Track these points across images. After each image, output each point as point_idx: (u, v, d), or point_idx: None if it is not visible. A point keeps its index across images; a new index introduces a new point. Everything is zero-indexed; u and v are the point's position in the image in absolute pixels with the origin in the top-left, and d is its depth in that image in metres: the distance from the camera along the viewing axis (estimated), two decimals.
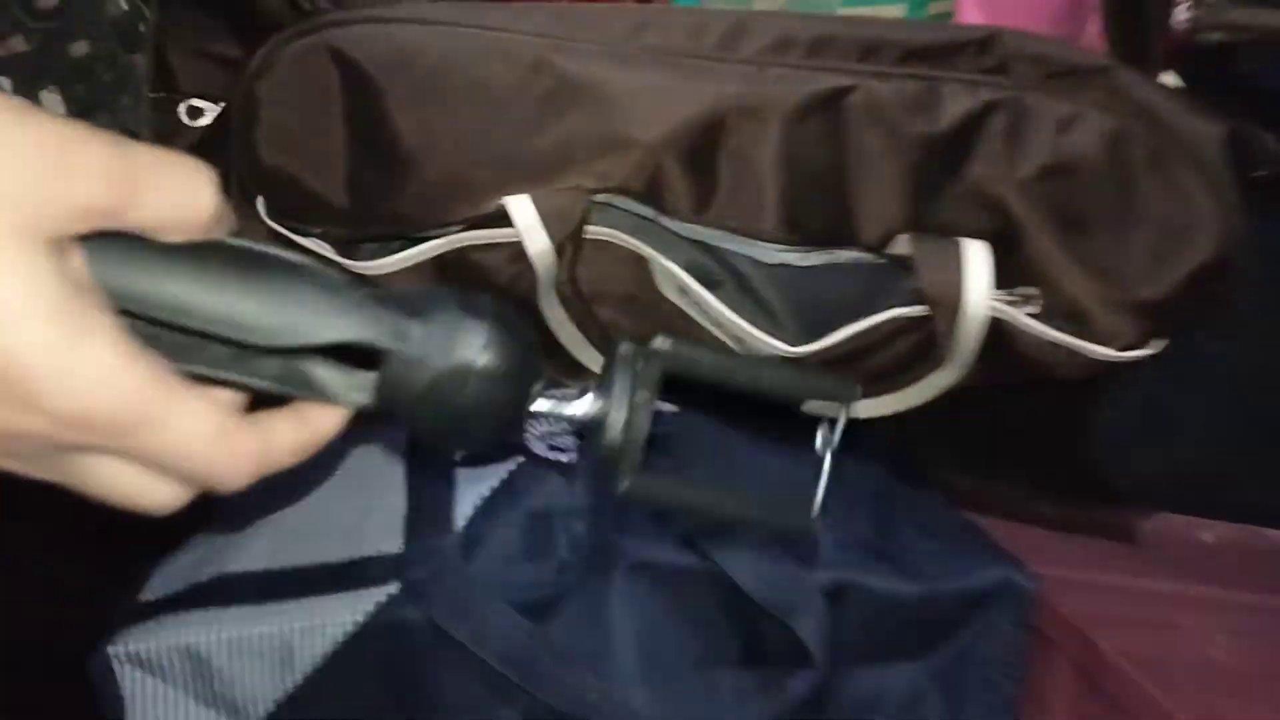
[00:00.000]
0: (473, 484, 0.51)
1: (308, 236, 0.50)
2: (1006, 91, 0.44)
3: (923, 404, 0.57)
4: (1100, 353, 0.51)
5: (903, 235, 0.50)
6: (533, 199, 0.47)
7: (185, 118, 0.50)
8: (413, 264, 0.49)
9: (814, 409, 0.37)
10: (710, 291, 0.51)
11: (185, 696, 0.47)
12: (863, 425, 0.60)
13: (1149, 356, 0.52)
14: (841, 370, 0.56)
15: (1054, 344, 0.52)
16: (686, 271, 0.49)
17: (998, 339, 0.52)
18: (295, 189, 0.48)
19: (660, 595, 0.45)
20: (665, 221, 0.49)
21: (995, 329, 0.52)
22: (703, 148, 0.46)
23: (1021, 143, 0.45)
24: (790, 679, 0.45)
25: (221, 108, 0.50)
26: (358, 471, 0.53)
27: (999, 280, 0.50)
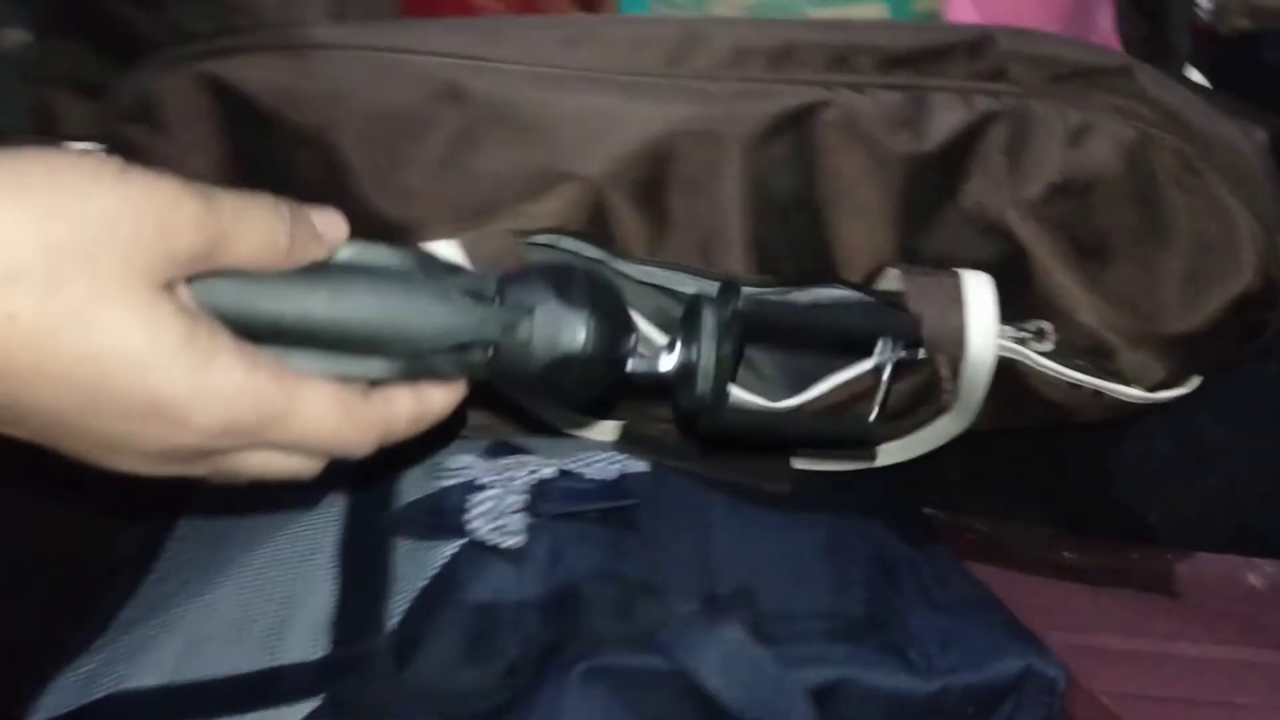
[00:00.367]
0: (409, 573, 0.45)
1: None
2: (1005, 100, 0.40)
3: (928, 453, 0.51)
4: (1127, 394, 0.45)
5: (893, 269, 0.44)
6: (461, 243, 0.40)
7: None
8: None
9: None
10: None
11: None
12: (857, 477, 0.54)
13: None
14: (835, 417, 0.49)
15: (1074, 385, 0.45)
16: (649, 320, 0.43)
17: (1009, 380, 0.46)
18: None
19: (622, 703, 0.38)
20: (618, 264, 0.43)
21: (1006, 369, 0.46)
22: (652, 180, 0.40)
23: (1026, 159, 0.40)
24: None
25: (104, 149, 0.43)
26: (281, 563, 0.47)
27: (1006, 315, 0.45)
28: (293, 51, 0.40)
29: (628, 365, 0.32)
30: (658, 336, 0.43)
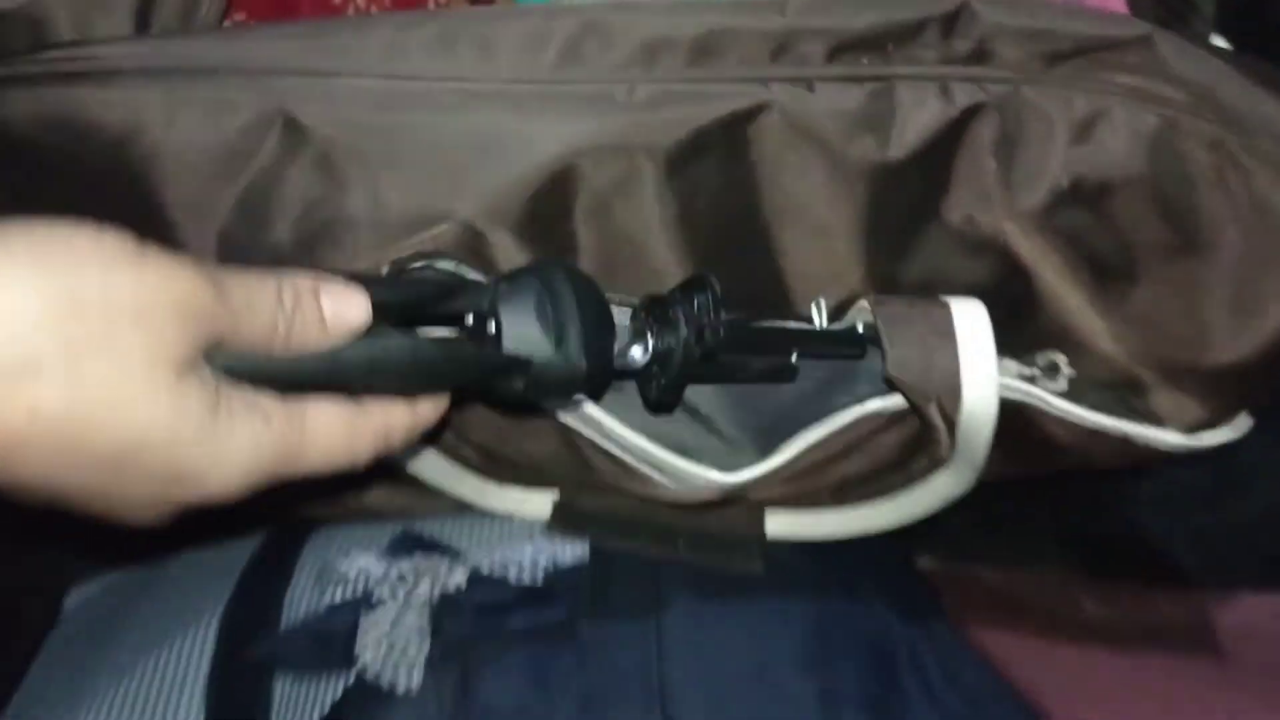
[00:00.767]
0: (292, 710, 0.37)
1: None
2: (992, 88, 0.34)
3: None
4: (1162, 440, 0.39)
5: (862, 301, 0.37)
6: None
7: None
8: None
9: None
10: (604, 407, 0.37)
11: None
12: (846, 550, 0.46)
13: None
14: (812, 479, 0.43)
15: (1097, 430, 0.37)
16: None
17: (1018, 426, 0.39)
18: None
19: None
20: None
21: (1013, 414, 0.39)
22: (549, 213, 0.32)
23: (1022, 160, 0.34)
24: None
25: None
26: (145, 702, 0.38)
27: (1010, 349, 0.38)
28: (76, 79, 0.31)
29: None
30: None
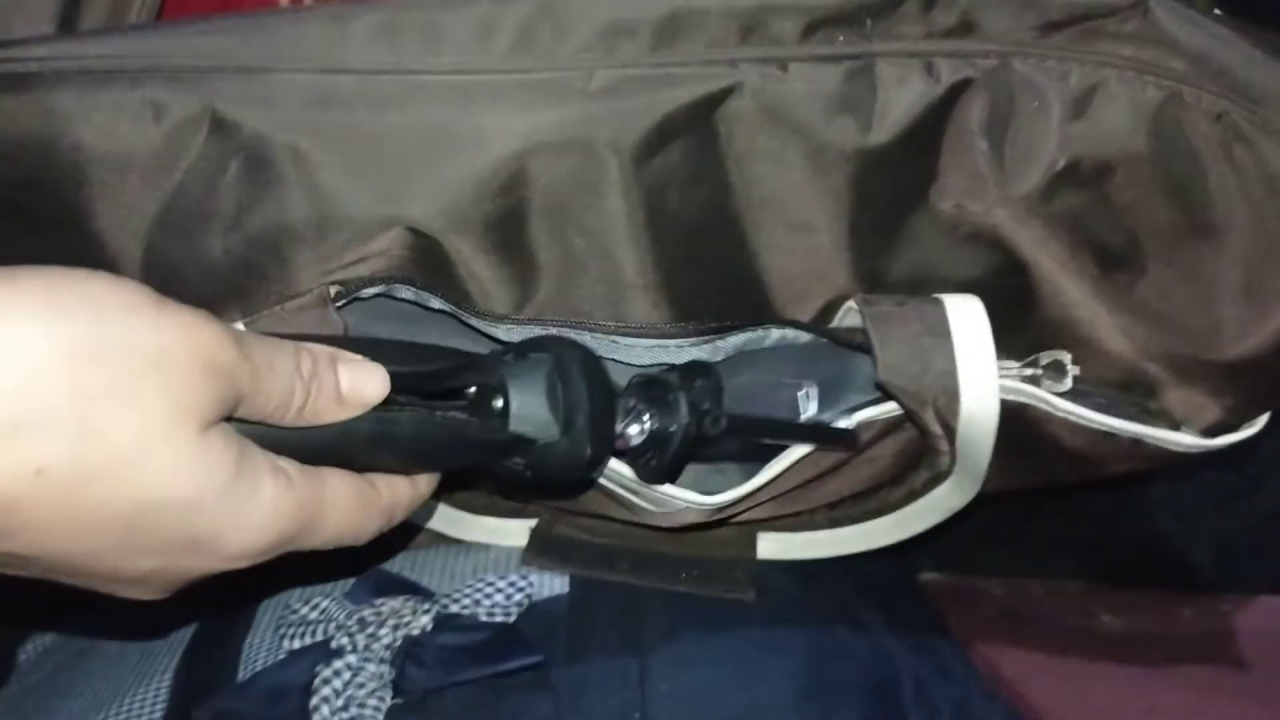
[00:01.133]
0: None
1: None
2: (979, 62, 0.32)
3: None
4: (1176, 441, 0.37)
5: (850, 302, 0.35)
6: (248, 327, 0.30)
7: None
8: None
9: None
10: None
11: None
12: (842, 571, 0.43)
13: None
14: (804, 498, 0.41)
15: (1106, 433, 0.35)
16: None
17: (1021, 431, 0.37)
18: None
19: None
20: (474, 322, 0.33)
21: (1016, 418, 0.36)
22: (506, 214, 0.30)
23: (1014, 139, 0.32)
24: None
25: None
26: None
27: (1009, 348, 0.36)
28: None
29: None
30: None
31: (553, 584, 0.40)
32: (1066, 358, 0.35)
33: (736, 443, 0.36)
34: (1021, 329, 0.35)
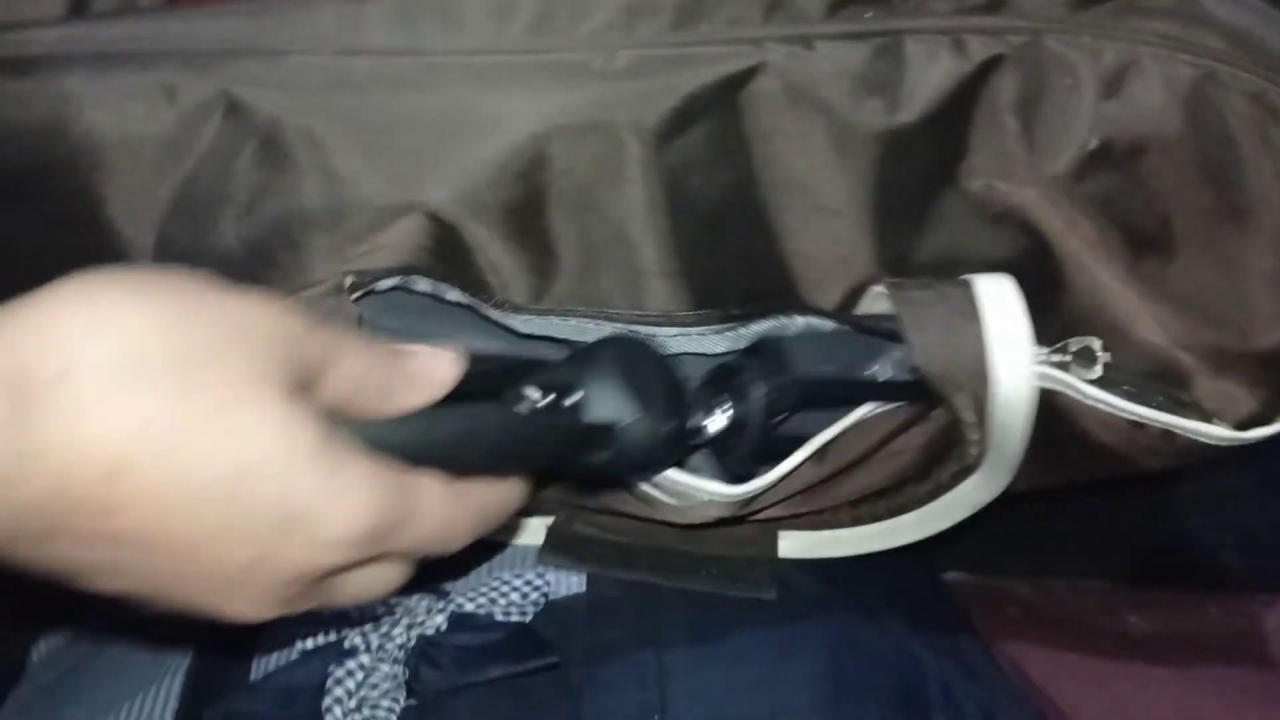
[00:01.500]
0: None
1: None
2: (1011, 39, 0.31)
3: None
4: (1208, 433, 0.36)
5: (877, 286, 0.34)
6: None
7: None
8: None
9: None
10: None
11: None
12: (865, 570, 0.42)
13: None
14: (828, 493, 0.40)
15: (1136, 424, 0.35)
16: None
17: (1049, 423, 0.36)
18: None
19: None
20: (492, 314, 0.32)
21: (1044, 408, 0.35)
22: (525, 200, 0.30)
23: (1046, 119, 0.32)
24: None
25: None
26: None
27: (1036, 334, 0.35)
28: None
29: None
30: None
31: (570, 582, 0.39)
32: (1097, 344, 0.34)
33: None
34: (1050, 314, 0.34)
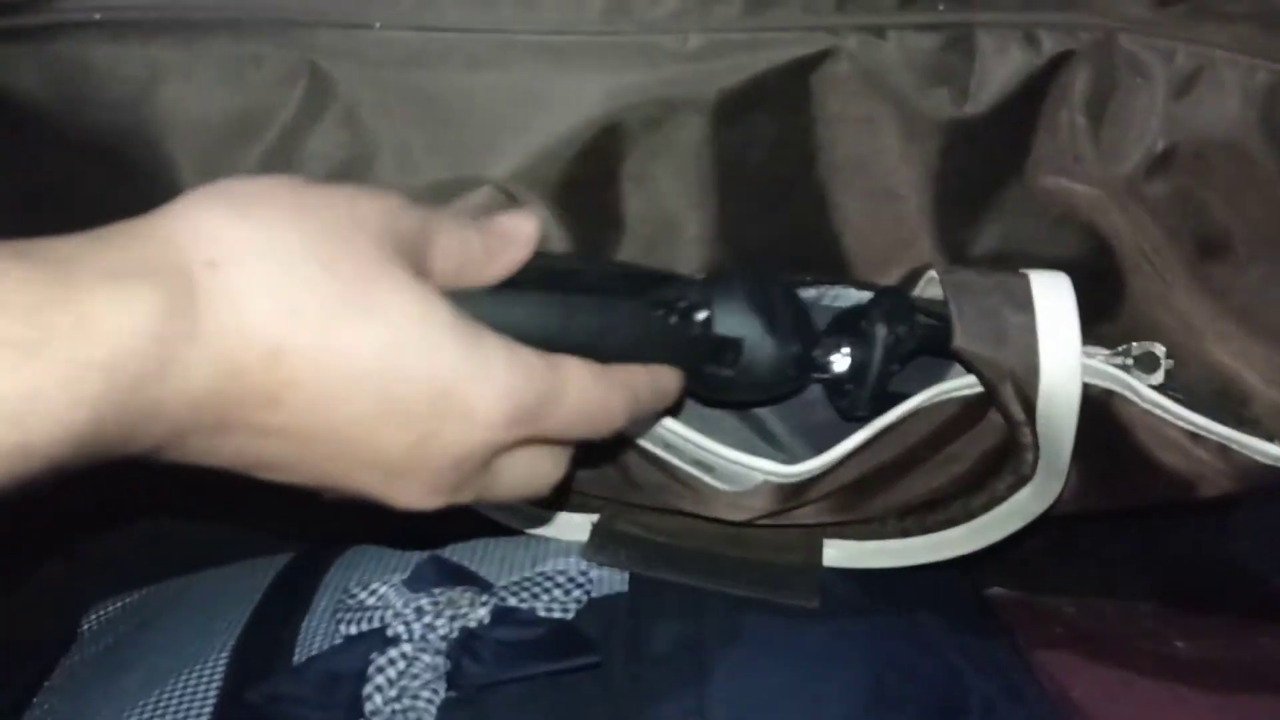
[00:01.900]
0: None
1: None
2: (1084, 35, 0.31)
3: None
4: (1265, 452, 0.35)
5: (930, 272, 0.35)
6: None
7: None
8: None
9: None
10: None
11: None
12: (908, 581, 0.42)
13: None
14: (877, 495, 0.40)
15: (1194, 436, 0.35)
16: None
17: (1104, 432, 0.36)
18: None
19: None
20: None
21: (1099, 413, 0.35)
22: (586, 176, 0.32)
23: (1115, 116, 0.32)
24: None
25: None
26: None
27: (1096, 336, 0.35)
28: (85, 29, 0.30)
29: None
30: None
31: (612, 581, 0.39)
32: (1160, 350, 0.35)
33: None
34: (1111, 317, 0.35)
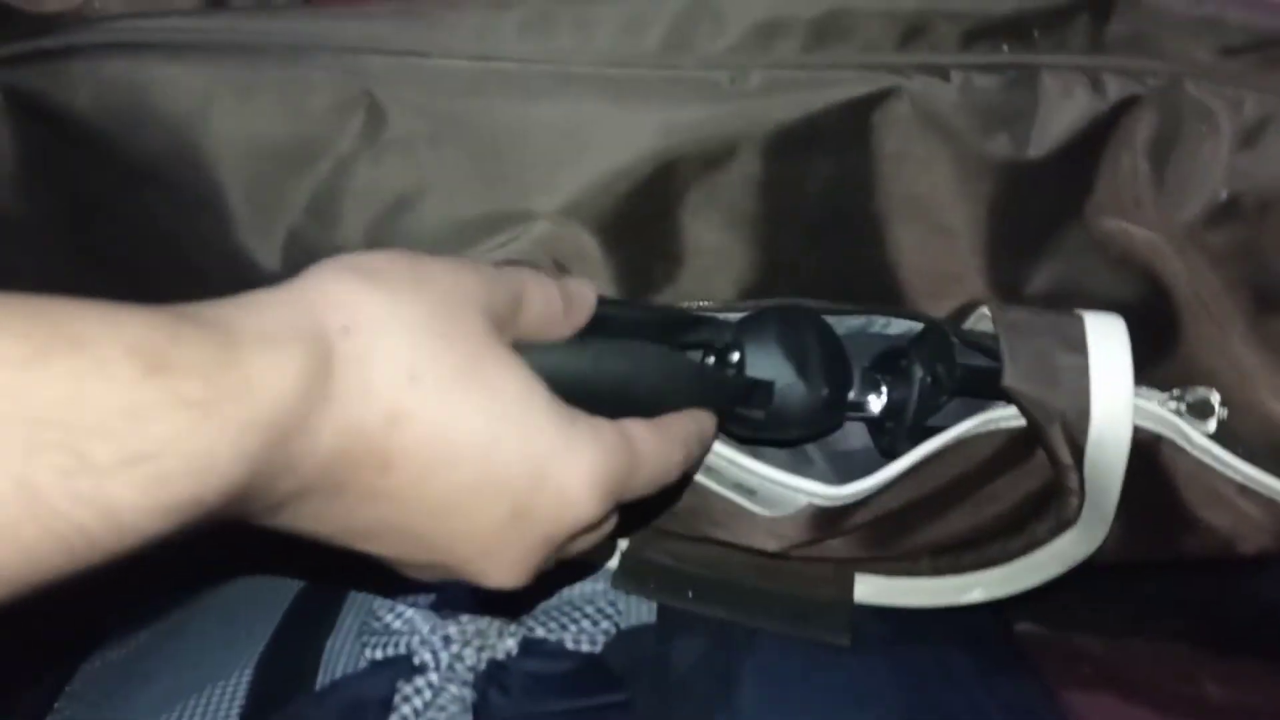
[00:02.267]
0: None
1: None
2: (1151, 81, 0.31)
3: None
4: None
5: (983, 308, 0.34)
6: None
7: None
8: None
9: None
10: None
11: None
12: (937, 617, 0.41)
13: None
14: (915, 529, 0.39)
15: (1242, 488, 0.35)
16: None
17: (1148, 482, 0.35)
18: None
19: None
20: None
21: (1146, 463, 0.35)
22: (641, 210, 0.31)
23: (1179, 163, 0.32)
24: None
25: None
26: None
27: (1149, 379, 0.35)
28: (143, 50, 0.29)
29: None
30: None
31: (640, 611, 0.39)
32: (1215, 397, 0.34)
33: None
34: (1164, 362, 0.34)
